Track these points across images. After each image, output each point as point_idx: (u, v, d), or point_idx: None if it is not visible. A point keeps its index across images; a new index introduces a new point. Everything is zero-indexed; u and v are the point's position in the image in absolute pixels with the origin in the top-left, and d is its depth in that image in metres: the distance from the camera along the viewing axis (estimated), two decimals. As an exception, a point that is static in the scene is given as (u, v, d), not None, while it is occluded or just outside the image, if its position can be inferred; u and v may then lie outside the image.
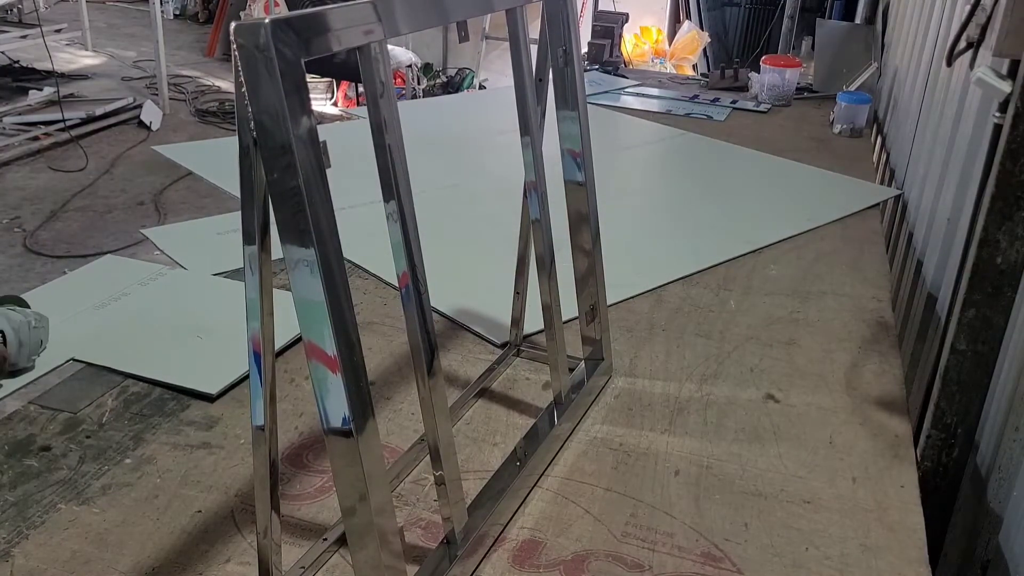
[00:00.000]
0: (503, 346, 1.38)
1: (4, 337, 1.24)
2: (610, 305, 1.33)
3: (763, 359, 1.38)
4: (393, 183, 0.81)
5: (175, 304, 1.44)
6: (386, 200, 0.81)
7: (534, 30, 1.08)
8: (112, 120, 5.01)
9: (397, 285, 0.85)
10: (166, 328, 1.37)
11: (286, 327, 1.02)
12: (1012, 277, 1.11)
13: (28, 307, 1.33)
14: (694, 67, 5.77)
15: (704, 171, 2.36)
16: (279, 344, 1.29)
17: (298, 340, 1.32)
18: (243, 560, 0.93)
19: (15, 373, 1.26)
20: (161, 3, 5.42)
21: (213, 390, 1.20)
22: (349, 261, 1.62)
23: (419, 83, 5.49)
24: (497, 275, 1.45)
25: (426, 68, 5.64)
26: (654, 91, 3.15)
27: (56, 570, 0.91)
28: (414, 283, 0.84)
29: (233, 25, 0.63)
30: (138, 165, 4.46)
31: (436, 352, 0.87)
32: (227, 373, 1.23)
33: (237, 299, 1.42)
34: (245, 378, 1.22)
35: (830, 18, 4.40)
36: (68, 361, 1.26)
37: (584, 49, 3.43)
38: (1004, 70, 1.19)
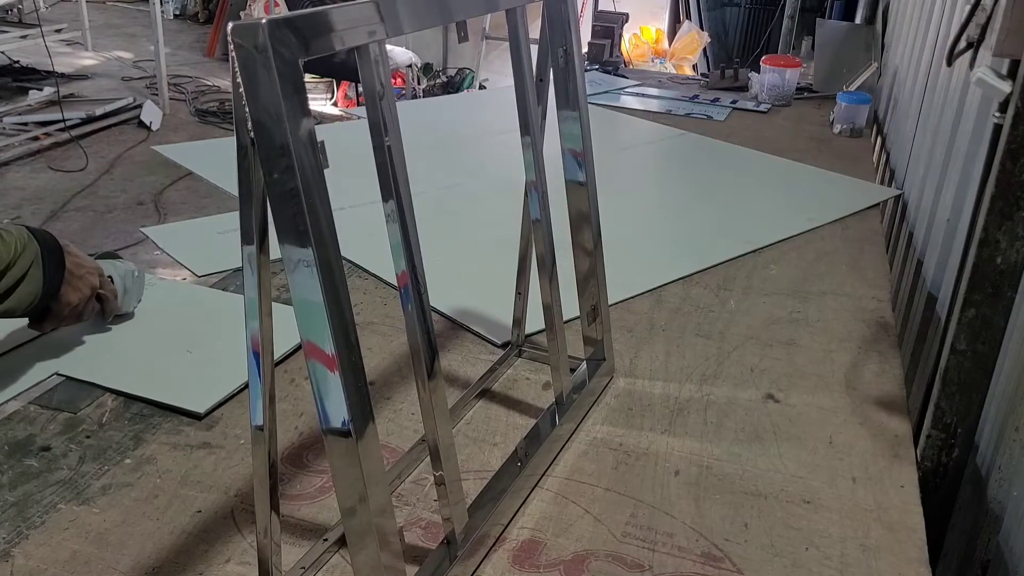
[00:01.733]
0: (504, 346, 1.38)
1: (112, 282, 1.30)
2: (610, 305, 1.33)
3: (763, 359, 1.38)
4: (392, 183, 0.81)
5: (163, 316, 1.41)
6: (385, 200, 0.81)
7: (534, 30, 1.08)
8: (112, 120, 5.01)
9: (396, 285, 0.85)
10: (154, 341, 1.33)
11: (286, 335, 1.02)
12: (1012, 277, 1.11)
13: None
14: (694, 67, 5.78)
15: (704, 171, 2.36)
16: (278, 353, 1.28)
17: (297, 349, 1.30)
18: (243, 560, 0.93)
19: (118, 319, 1.35)
20: (161, 3, 5.42)
21: (201, 409, 1.17)
22: (349, 261, 1.62)
23: (419, 83, 5.49)
24: (498, 275, 1.45)
25: (426, 68, 5.63)
26: (654, 91, 3.15)
27: (56, 570, 0.91)
28: (414, 283, 0.84)
29: (231, 25, 0.63)
30: (138, 165, 4.46)
31: (436, 353, 0.87)
32: (216, 390, 1.20)
33: (227, 311, 1.43)
34: (235, 395, 1.21)
35: (830, 18, 4.40)
36: (52, 375, 1.23)
37: (584, 49, 3.42)
38: (1004, 70, 1.19)
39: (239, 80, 0.64)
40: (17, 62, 5.72)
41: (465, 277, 1.60)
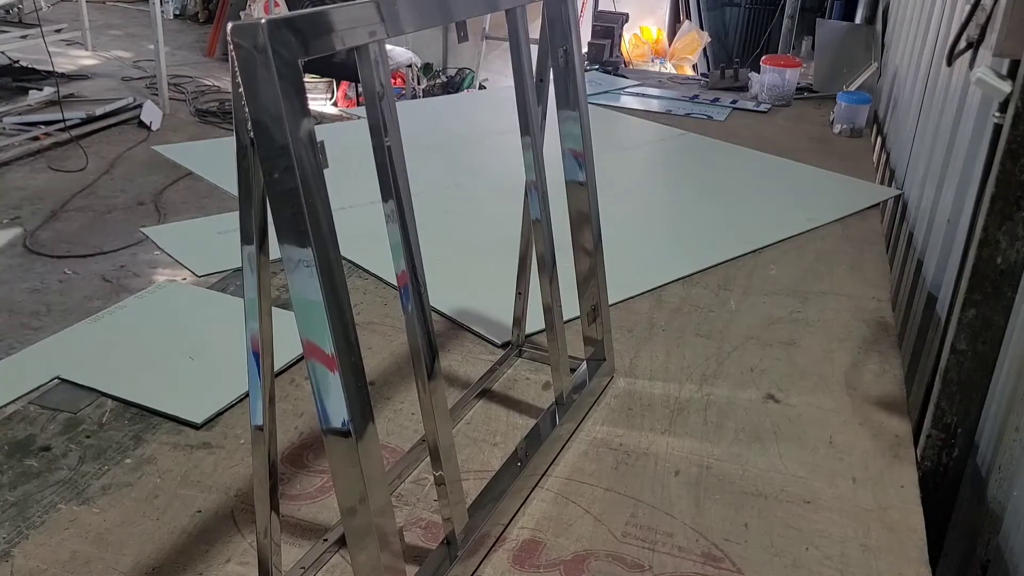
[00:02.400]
0: (504, 346, 1.38)
1: None
2: (610, 305, 1.33)
3: (763, 359, 1.38)
4: (392, 183, 0.81)
5: (169, 321, 1.40)
6: (385, 200, 0.81)
7: (534, 30, 1.08)
8: (112, 120, 5.01)
9: (396, 285, 0.85)
10: (158, 347, 1.33)
11: (288, 344, 1.02)
12: (1012, 277, 1.11)
13: None
14: (694, 67, 5.78)
15: (704, 171, 2.36)
16: (281, 363, 1.27)
17: (299, 360, 1.30)
18: (243, 560, 0.93)
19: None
20: (161, 3, 5.41)
21: (198, 419, 1.16)
22: (349, 261, 1.62)
23: (419, 83, 5.49)
24: (498, 275, 1.45)
25: (426, 68, 5.63)
26: (654, 91, 3.14)
27: (56, 570, 0.91)
28: (413, 283, 0.84)
29: (231, 25, 0.63)
30: (138, 165, 4.46)
31: (436, 353, 0.87)
32: (215, 401, 1.19)
33: (233, 316, 1.41)
34: (233, 405, 1.20)
35: (830, 18, 4.40)
36: (53, 379, 1.23)
37: (584, 49, 3.42)
38: (1004, 70, 1.19)
39: (239, 80, 0.64)
40: (17, 62, 5.72)
41: (465, 277, 1.60)
